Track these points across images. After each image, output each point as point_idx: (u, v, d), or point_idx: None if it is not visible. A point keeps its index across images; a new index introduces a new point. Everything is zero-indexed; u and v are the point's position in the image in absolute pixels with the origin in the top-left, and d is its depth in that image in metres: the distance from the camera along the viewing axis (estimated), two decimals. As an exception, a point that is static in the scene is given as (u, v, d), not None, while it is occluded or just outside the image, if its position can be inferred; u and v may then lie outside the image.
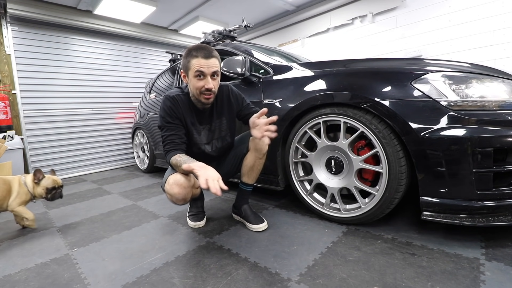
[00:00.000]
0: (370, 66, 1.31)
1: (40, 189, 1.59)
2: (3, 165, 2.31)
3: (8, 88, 3.03)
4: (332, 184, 1.41)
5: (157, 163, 3.09)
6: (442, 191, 1.07)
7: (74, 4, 3.28)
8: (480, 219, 1.03)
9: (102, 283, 1.03)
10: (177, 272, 1.06)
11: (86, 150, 3.65)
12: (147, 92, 3.32)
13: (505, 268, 0.95)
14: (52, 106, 3.36)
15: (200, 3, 3.55)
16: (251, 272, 1.03)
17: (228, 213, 1.67)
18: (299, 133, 1.48)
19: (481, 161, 1.00)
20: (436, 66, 1.17)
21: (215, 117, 1.40)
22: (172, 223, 1.59)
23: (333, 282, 0.94)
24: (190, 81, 1.25)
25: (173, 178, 1.19)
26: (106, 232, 1.52)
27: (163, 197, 2.15)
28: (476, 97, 1.07)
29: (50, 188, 1.61)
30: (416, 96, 1.10)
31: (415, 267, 0.99)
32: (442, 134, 1.04)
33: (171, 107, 1.28)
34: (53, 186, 1.62)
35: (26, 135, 3.16)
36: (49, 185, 1.61)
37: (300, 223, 1.46)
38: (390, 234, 1.26)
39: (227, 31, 2.40)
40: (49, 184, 1.61)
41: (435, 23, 2.84)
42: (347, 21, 3.54)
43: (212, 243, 1.29)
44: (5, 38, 3.01)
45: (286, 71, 1.62)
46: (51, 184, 1.61)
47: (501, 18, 2.46)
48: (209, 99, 1.27)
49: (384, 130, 1.18)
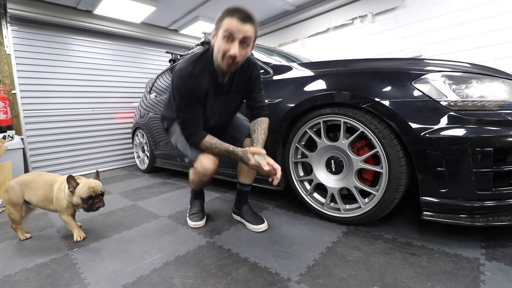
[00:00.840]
0: (370, 66, 1.31)
1: (76, 199, 1.33)
2: (3, 165, 2.31)
3: (8, 88, 3.03)
4: (332, 184, 1.41)
5: (157, 163, 3.09)
6: (442, 191, 1.07)
7: (74, 4, 3.27)
8: (480, 219, 1.03)
9: (102, 283, 1.03)
10: (177, 272, 1.06)
11: (86, 150, 3.64)
12: (147, 92, 3.32)
13: (505, 268, 0.95)
14: (52, 106, 3.36)
15: (200, 3, 3.54)
16: (251, 272, 1.03)
17: (228, 213, 1.67)
18: (299, 133, 1.48)
19: (481, 161, 1.00)
20: (436, 66, 1.17)
21: (233, 90, 1.30)
22: (172, 223, 1.59)
23: (333, 282, 0.94)
24: (217, 42, 1.13)
25: (205, 156, 1.26)
26: (106, 232, 1.52)
27: (163, 197, 2.15)
28: (476, 97, 1.07)
29: (85, 198, 1.32)
30: (416, 96, 1.10)
31: (415, 267, 0.99)
32: (442, 134, 1.04)
33: (192, 87, 1.17)
34: (89, 195, 1.33)
35: (26, 135, 3.16)
36: (84, 194, 1.32)
37: (300, 223, 1.46)
38: (390, 234, 1.26)
39: (227, 31, 2.40)
40: (83, 193, 1.32)
41: (435, 23, 2.84)
42: (347, 21, 3.54)
43: (212, 243, 1.29)
44: (5, 38, 3.01)
45: (286, 71, 1.62)
46: (86, 193, 1.32)
47: (501, 18, 2.46)
48: (230, 67, 1.15)
49: (384, 130, 1.18)
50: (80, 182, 1.35)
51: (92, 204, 1.34)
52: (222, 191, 2.20)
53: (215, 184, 2.42)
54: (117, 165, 3.95)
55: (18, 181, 1.43)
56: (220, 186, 2.33)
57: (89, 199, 1.33)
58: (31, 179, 1.43)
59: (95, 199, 1.35)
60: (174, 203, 1.97)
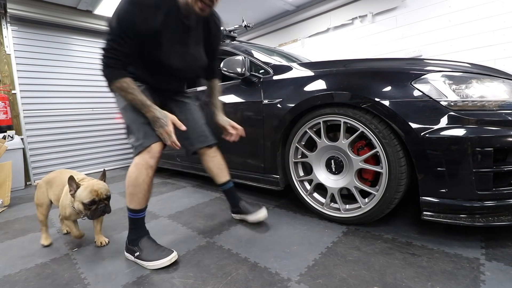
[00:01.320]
0: (370, 66, 1.31)
1: (77, 204, 1.15)
2: (3, 165, 2.31)
3: (8, 88, 3.03)
4: (332, 184, 1.41)
5: (157, 163, 3.08)
6: (442, 191, 1.07)
7: (74, 4, 3.27)
8: (480, 219, 1.03)
9: (102, 283, 1.03)
10: (177, 272, 1.06)
11: (86, 150, 3.64)
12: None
13: (505, 268, 0.95)
14: (52, 106, 3.36)
15: (200, 3, 3.54)
16: (251, 272, 1.03)
17: (228, 213, 1.67)
18: (299, 133, 1.48)
19: (481, 161, 1.00)
20: (436, 66, 1.17)
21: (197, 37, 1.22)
22: (172, 223, 1.59)
23: (333, 282, 0.94)
24: None
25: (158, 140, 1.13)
26: (106, 232, 1.52)
27: (163, 197, 2.15)
28: (476, 97, 1.07)
29: (87, 203, 1.13)
30: (416, 96, 1.10)
31: (415, 267, 0.99)
32: (442, 134, 1.04)
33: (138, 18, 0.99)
34: (92, 200, 1.13)
35: (26, 135, 3.16)
36: (85, 198, 1.12)
37: (300, 223, 1.46)
38: (390, 234, 1.26)
39: (227, 31, 2.40)
40: (85, 198, 1.12)
41: (435, 23, 2.84)
42: (347, 21, 3.54)
43: (212, 243, 1.29)
44: (5, 38, 3.01)
45: (286, 71, 1.62)
46: (87, 197, 1.12)
47: (501, 18, 2.46)
48: (204, 11, 1.06)
49: (384, 130, 1.18)
50: (83, 184, 1.17)
51: (95, 210, 1.14)
52: (222, 191, 2.19)
53: (215, 184, 2.42)
54: (117, 165, 3.95)
55: (45, 179, 1.35)
56: (220, 186, 2.33)
57: (92, 204, 1.13)
58: (54, 177, 1.34)
59: (99, 204, 1.15)
60: (174, 203, 1.97)
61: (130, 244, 1.17)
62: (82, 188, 1.15)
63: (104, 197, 1.17)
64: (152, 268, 1.09)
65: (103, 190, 1.17)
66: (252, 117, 1.72)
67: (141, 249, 1.13)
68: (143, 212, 1.18)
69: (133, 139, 1.16)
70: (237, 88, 1.85)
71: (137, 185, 1.12)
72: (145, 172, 1.11)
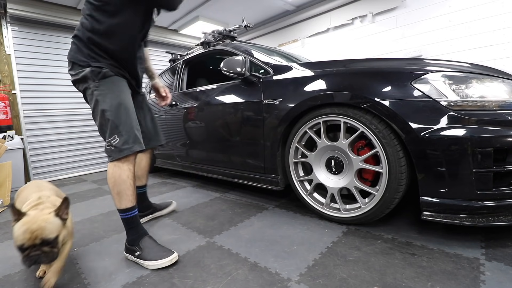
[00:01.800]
0: (370, 66, 1.31)
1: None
2: (3, 165, 2.31)
3: (8, 88, 3.03)
4: (332, 184, 1.41)
5: (157, 163, 3.08)
6: (442, 191, 1.07)
7: (74, 4, 3.28)
8: (480, 219, 1.03)
9: (102, 283, 1.03)
10: (177, 272, 1.06)
11: (86, 150, 3.65)
12: (147, 92, 3.32)
13: (505, 268, 0.95)
14: (52, 106, 3.36)
15: (200, 3, 3.55)
16: (251, 272, 1.03)
17: (228, 213, 1.67)
18: (299, 133, 1.48)
19: (481, 161, 1.00)
20: (436, 66, 1.16)
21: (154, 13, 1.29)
22: (172, 223, 1.59)
23: (333, 282, 0.94)
24: None
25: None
26: (106, 232, 1.52)
27: (163, 197, 2.15)
28: (476, 97, 1.07)
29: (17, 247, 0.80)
30: (416, 96, 1.10)
31: (415, 267, 0.99)
32: (442, 134, 1.04)
33: None
34: (20, 245, 0.79)
35: (26, 135, 3.16)
36: (15, 240, 0.80)
37: (300, 223, 1.46)
38: (390, 234, 1.26)
39: (227, 31, 2.40)
40: (15, 239, 0.80)
41: (435, 23, 2.84)
42: (347, 21, 3.54)
43: (212, 243, 1.29)
44: (5, 38, 3.01)
45: (286, 71, 1.62)
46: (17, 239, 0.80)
47: (501, 18, 2.47)
48: None
49: (384, 130, 1.18)
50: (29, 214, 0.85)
51: (26, 257, 0.79)
52: (222, 191, 2.19)
53: (215, 184, 2.42)
54: (117, 165, 3.95)
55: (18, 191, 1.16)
56: (220, 186, 2.33)
57: (22, 250, 0.79)
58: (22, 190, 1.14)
59: (31, 250, 0.79)
60: (174, 203, 1.97)
61: (130, 244, 1.18)
62: (19, 224, 0.82)
63: (39, 242, 0.80)
64: (152, 268, 1.09)
65: (39, 232, 0.80)
66: (252, 117, 1.72)
67: (142, 249, 1.14)
68: (135, 210, 1.20)
69: (117, 140, 1.10)
70: (237, 88, 1.85)
71: (123, 182, 1.13)
72: (127, 168, 1.14)
